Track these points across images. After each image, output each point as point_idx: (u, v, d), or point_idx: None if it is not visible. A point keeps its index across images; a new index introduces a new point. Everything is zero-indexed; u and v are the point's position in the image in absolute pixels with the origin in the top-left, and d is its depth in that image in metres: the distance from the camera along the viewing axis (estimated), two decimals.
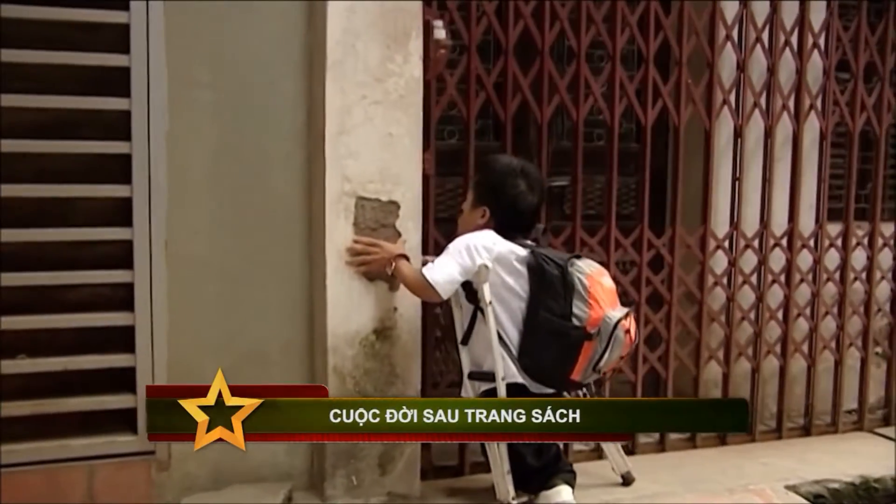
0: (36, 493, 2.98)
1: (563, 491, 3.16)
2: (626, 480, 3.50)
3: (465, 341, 3.21)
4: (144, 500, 3.13)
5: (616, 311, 3.06)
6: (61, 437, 3.04)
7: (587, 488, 3.38)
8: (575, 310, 3.03)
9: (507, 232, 3.16)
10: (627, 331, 3.06)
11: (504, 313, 3.12)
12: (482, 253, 3.08)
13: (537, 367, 3.10)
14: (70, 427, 3.05)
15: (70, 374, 3.02)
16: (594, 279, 3.08)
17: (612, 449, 3.50)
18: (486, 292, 3.08)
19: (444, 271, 3.06)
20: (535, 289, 3.09)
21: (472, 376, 3.18)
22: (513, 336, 3.13)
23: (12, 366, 2.96)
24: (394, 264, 3.11)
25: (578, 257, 3.18)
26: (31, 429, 2.98)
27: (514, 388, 3.09)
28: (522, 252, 3.12)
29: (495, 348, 3.08)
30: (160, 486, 3.15)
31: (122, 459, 3.10)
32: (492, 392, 3.12)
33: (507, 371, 3.10)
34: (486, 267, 3.06)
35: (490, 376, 3.12)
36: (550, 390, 3.15)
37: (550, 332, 3.05)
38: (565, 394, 3.23)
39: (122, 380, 3.08)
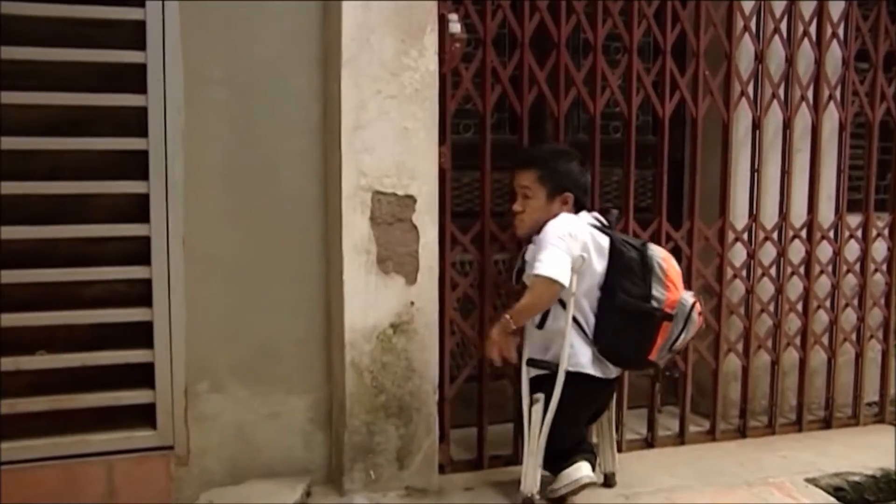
0: (55, 487, 3.00)
1: (583, 466, 3.18)
2: (609, 482, 3.44)
3: (542, 325, 3.20)
4: (163, 495, 3.15)
5: (688, 294, 3.17)
6: (80, 432, 3.06)
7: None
8: (654, 292, 3.11)
9: (578, 212, 3.24)
10: (700, 313, 3.20)
11: (584, 298, 3.16)
12: (577, 239, 3.10)
13: (615, 348, 3.16)
14: (88, 422, 3.06)
15: (88, 370, 3.04)
16: (669, 262, 3.18)
17: (605, 446, 3.45)
18: (575, 283, 3.09)
19: (559, 262, 3.03)
20: (613, 271, 3.14)
21: (531, 363, 3.20)
22: (590, 319, 3.18)
23: (31, 362, 2.98)
24: (509, 317, 3.11)
25: (648, 242, 3.29)
26: (50, 424, 3.00)
27: (574, 377, 3.13)
28: (601, 235, 3.18)
29: (568, 336, 3.10)
30: (179, 481, 3.17)
31: (141, 454, 3.11)
32: (543, 379, 3.16)
33: (573, 359, 3.12)
34: (583, 258, 3.09)
35: (549, 365, 3.15)
36: (615, 374, 3.25)
37: (629, 313, 3.11)
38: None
39: (141, 375, 3.10)
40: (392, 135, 3.17)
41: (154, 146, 3.01)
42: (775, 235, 4.07)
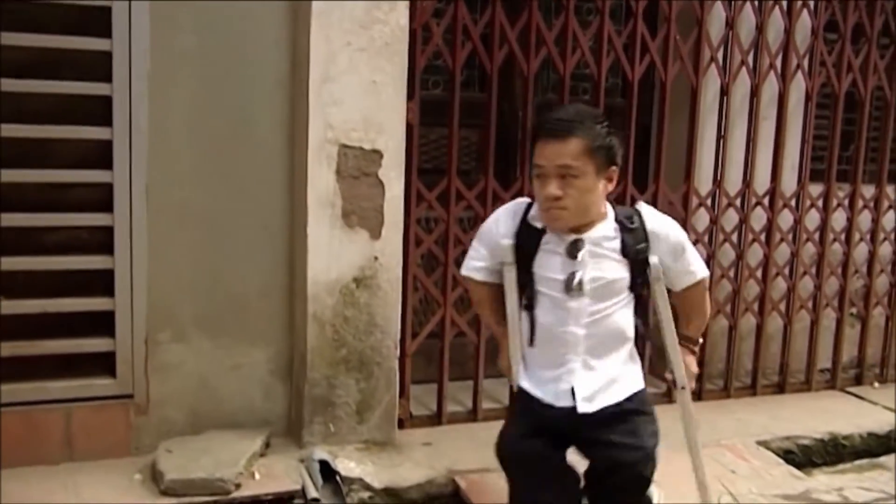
0: (13, 434, 2.99)
1: None
2: None
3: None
4: (122, 443, 3.15)
5: None
6: (39, 379, 3.04)
7: None
8: None
9: None
10: None
11: None
12: None
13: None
14: (48, 370, 3.05)
15: (48, 317, 3.01)
16: None
17: None
18: None
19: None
20: None
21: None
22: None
23: None
24: (700, 341, 2.72)
25: None
26: (9, 371, 2.98)
27: None
28: None
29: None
30: (138, 430, 3.17)
31: (100, 402, 3.11)
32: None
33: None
34: None
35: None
36: None
37: None
38: None
39: (101, 323, 3.08)
40: (360, 88, 3.15)
41: (118, 91, 2.97)
42: (738, 202, 4.11)
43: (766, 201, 4.16)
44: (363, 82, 3.15)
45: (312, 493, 2.99)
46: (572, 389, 2.38)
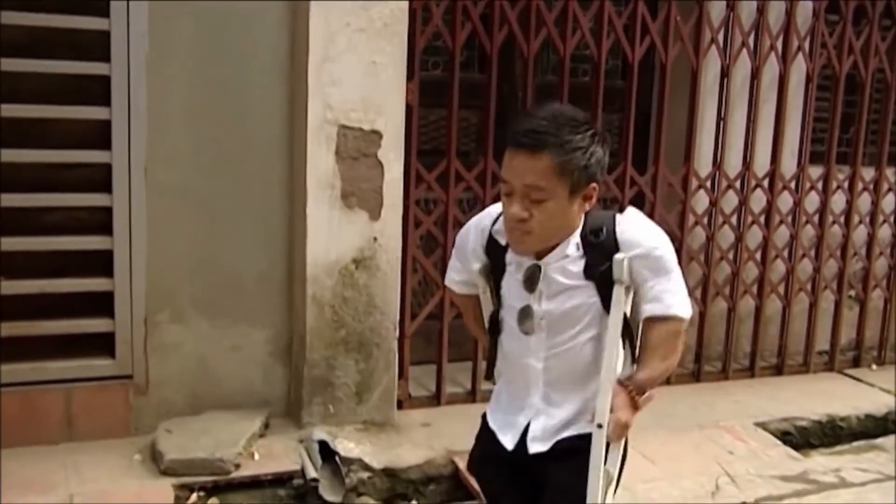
0: (13, 414, 2.99)
1: None
2: None
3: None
4: (122, 423, 3.16)
5: None
6: (39, 359, 3.04)
7: None
8: None
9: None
10: None
11: None
12: None
13: None
14: (48, 350, 3.05)
15: (48, 298, 3.01)
16: None
17: None
18: None
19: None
20: None
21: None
22: None
23: None
24: (650, 391, 2.05)
25: None
26: (9, 351, 2.98)
27: None
28: None
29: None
30: (138, 410, 3.18)
31: (100, 383, 3.12)
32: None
33: None
34: None
35: None
36: None
37: None
38: None
39: (100, 304, 3.08)
40: (360, 69, 3.14)
41: (117, 72, 2.96)
42: (738, 184, 4.10)
43: (765, 183, 4.15)
44: (363, 63, 3.14)
45: (311, 473, 3.00)
46: (528, 426, 2.10)
